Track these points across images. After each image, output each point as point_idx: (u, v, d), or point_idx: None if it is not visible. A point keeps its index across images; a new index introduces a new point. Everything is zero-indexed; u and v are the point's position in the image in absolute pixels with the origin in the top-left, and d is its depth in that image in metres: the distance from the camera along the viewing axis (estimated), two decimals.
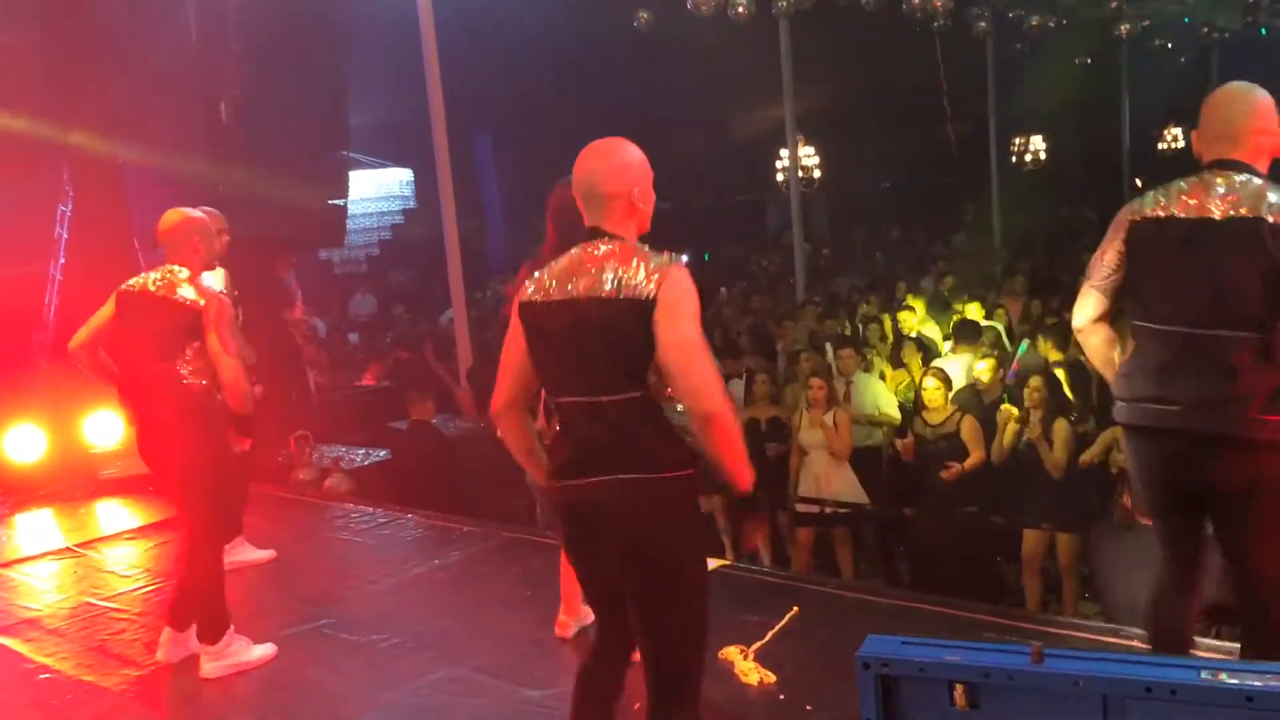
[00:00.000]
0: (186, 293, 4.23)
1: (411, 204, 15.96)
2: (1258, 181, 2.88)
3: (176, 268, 4.30)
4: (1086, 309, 3.12)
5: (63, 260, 8.18)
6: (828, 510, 7.04)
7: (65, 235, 8.15)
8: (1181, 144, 24.79)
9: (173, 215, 4.39)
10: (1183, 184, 2.98)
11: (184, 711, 4.07)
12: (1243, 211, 2.81)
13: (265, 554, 5.69)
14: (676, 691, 2.66)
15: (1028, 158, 23.43)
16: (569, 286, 2.62)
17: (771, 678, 3.85)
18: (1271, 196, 2.82)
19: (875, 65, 17.50)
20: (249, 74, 8.07)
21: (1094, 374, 6.45)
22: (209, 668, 4.22)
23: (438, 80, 9.02)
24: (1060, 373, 7.03)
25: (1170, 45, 19.20)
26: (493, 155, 18.83)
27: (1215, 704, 1.44)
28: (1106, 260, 3.07)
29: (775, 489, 7.32)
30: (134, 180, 8.07)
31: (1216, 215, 2.84)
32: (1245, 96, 2.98)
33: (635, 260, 2.57)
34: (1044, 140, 23.68)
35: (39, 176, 8.00)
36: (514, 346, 2.76)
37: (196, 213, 4.49)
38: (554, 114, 15.85)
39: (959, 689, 1.59)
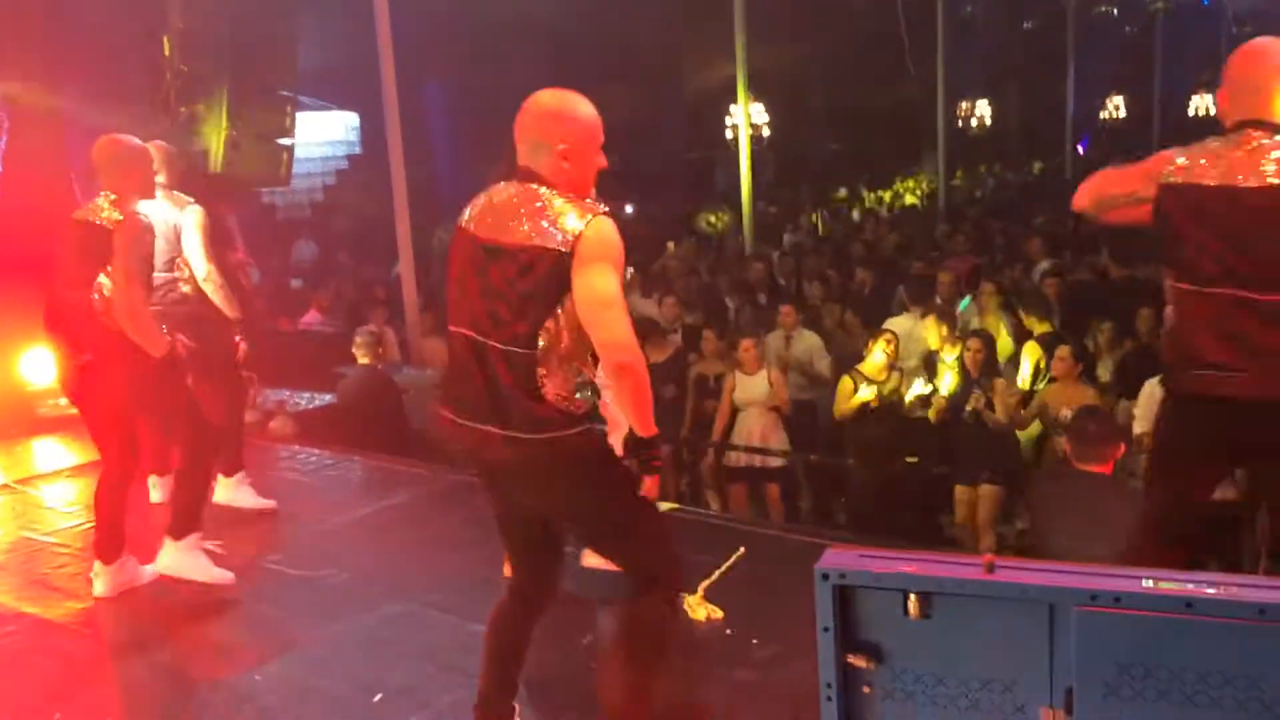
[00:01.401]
0: (105, 215, 4.09)
1: (357, 149, 15.70)
2: None
3: (105, 193, 4.16)
4: (1085, 196, 3.17)
5: None
6: (758, 464, 7.13)
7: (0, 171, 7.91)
8: (1123, 113, 25.28)
9: (103, 141, 4.26)
10: (1214, 144, 2.94)
11: (128, 641, 4.05)
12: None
13: (268, 503, 5.56)
14: (649, 579, 2.74)
15: (973, 122, 23.72)
16: (490, 223, 2.62)
17: (719, 614, 3.93)
18: None
19: (827, 25, 17.53)
20: (192, 7, 7.84)
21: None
22: (166, 562, 4.29)
23: (386, 21, 8.86)
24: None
25: (1115, 13, 19.46)
26: (442, 102, 18.57)
27: (1156, 609, 1.51)
28: (1127, 185, 3.08)
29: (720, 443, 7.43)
30: (72, 115, 7.85)
31: (1254, 184, 2.80)
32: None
33: (558, 209, 2.55)
34: (989, 105, 23.97)
35: None
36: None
37: (131, 139, 4.33)
38: (504, 63, 15.65)
39: (913, 598, 1.65)
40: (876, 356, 6.90)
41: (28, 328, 7.11)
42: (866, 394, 6.82)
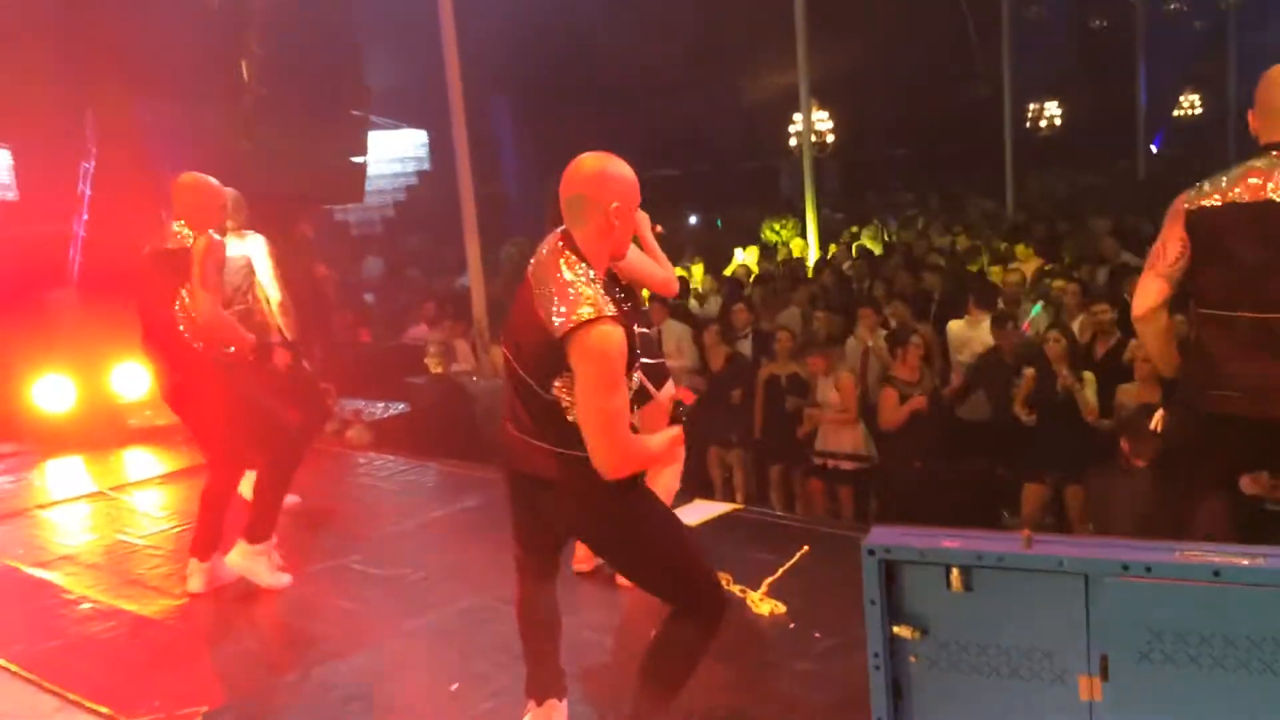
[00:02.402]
0: (185, 239, 4.33)
1: (426, 166, 16.07)
2: None
3: (180, 223, 4.41)
4: (1148, 297, 3.10)
5: (86, 217, 8.35)
6: (830, 465, 7.22)
7: (89, 192, 8.31)
8: (1199, 110, 24.73)
9: (186, 178, 4.49)
10: (1239, 169, 2.96)
11: (220, 635, 4.26)
12: None
13: (292, 499, 5.86)
14: (683, 606, 2.81)
15: (1042, 123, 23.41)
16: (529, 274, 2.70)
17: (782, 608, 4.03)
18: None
19: (890, 29, 17.48)
20: (268, 34, 8.18)
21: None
22: (236, 559, 4.46)
23: (454, 41, 9.10)
24: None
25: (1186, 9, 19.08)
26: (509, 118, 18.90)
27: (1185, 578, 1.59)
28: (1169, 250, 3.05)
29: (790, 443, 7.51)
30: (157, 139, 8.22)
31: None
32: None
33: (569, 291, 2.56)
34: (1059, 105, 23.63)
35: (63, 136, 8.16)
36: None
37: (210, 180, 4.55)
38: (569, 77, 15.89)
39: (954, 572, 1.75)
40: (908, 359, 6.97)
41: (118, 344, 7.50)
42: (915, 402, 6.88)
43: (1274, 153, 2.91)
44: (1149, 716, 1.68)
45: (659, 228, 3.60)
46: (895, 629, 1.80)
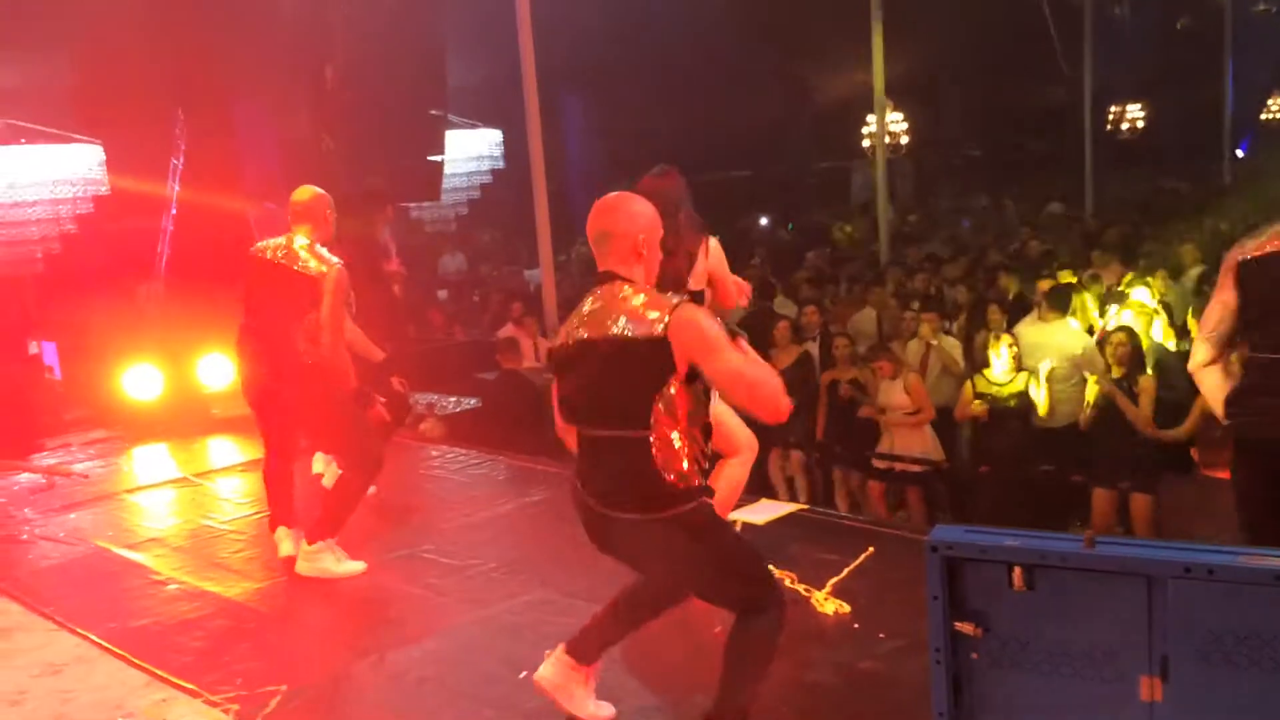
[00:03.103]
0: (308, 263, 4.58)
1: (500, 164, 16.26)
2: None
3: (299, 236, 4.65)
4: (1199, 355, 3.28)
5: (174, 212, 8.63)
6: (897, 468, 7.19)
7: (177, 188, 8.59)
8: None
9: (307, 190, 4.76)
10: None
11: (299, 617, 4.42)
12: None
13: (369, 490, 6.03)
14: (749, 611, 2.91)
15: (1124, 125, 22.91)
16: (582, 331, 2.86)
17: (846, 608, 4.06)
18: None
19: (968, 28, 17.27)
20: (352, 37, 8.39)
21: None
22: (303, 566, 4.65)
23: (530, 40, 9.21)
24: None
25: (1275, 11, 18.55)
26: (581, 118, 19.06)
27: (1247, 581, 1.61)
28: (1214, 312, 3.22)
29: (853, 447, 7.50)
30: (244, 138, 8.47)
31: None
32: None
33: (645, 300, 2.78)
34: (1142, 108, 23.11)
35: (154, 133, 8.45)
36: None
37: (321, 191, 4.83)
38: (642, 78, 15.98)
39: (1017, 571, 1.78)
40: (999, 363, 6.90)
41: (204, 336, 7.77)
42: (978, 406, 6.84)
43: None
44: (1207, 716, 1.70)
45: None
46: (957, 625, 1.84)
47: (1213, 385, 3.28)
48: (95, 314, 8.81)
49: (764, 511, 5.23)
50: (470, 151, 16.09)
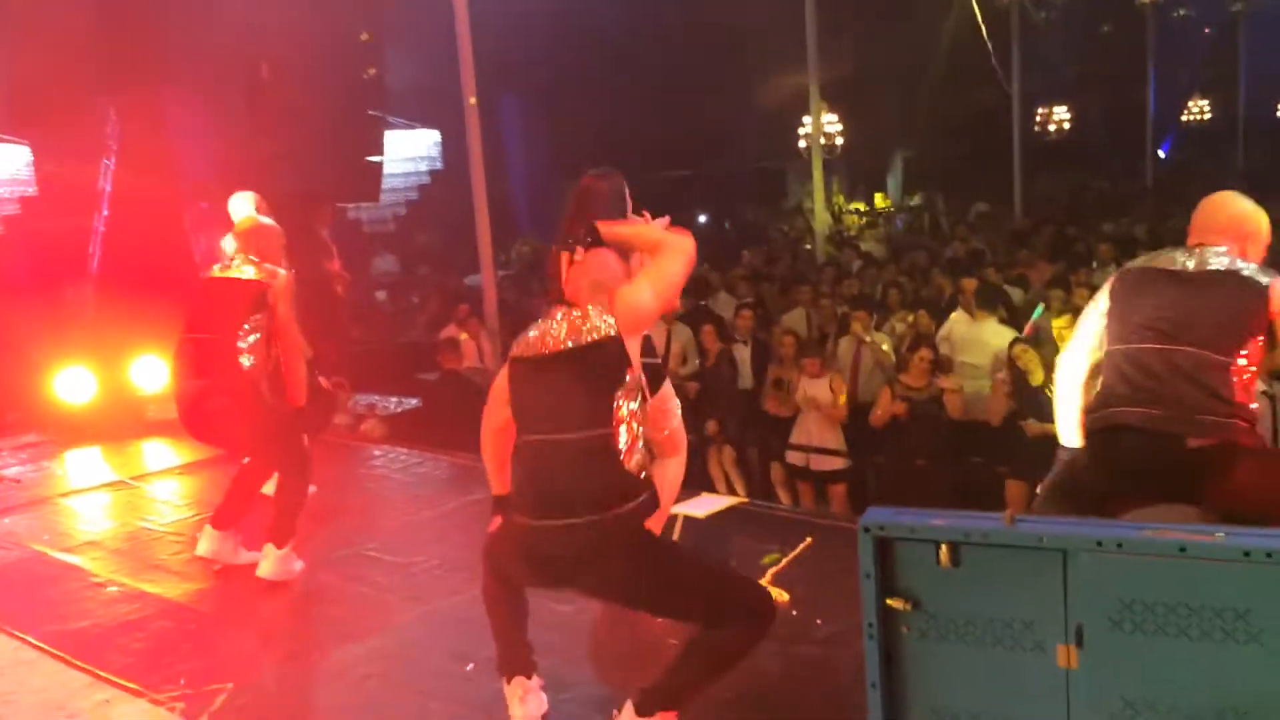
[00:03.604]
0: (250, 271, 4.62)
1: (439, 165, 16.21)
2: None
3: (246, 256, 4.70)
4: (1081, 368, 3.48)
5: (105, 212, 8.50)
6: (813, 465, 7.36)
7: (108, 188, 8.46)
8: (1208, 115, 24.79)
9: (249, 221, 4.88)
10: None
11: (241, 616, 4.41)
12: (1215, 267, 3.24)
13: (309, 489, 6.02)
14: (716, 623, 2.93)
15: (1050, 127, 23.49)
16: (541, 348, 2.98)
17: (784, 596, 4.16)
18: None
19: (899, 32, 17.58)
20: (289, 34, 8.33)
21: None
22: (267, 569, 4.62)
23: (468, 40, 9.22)
24: None
25: (1195, 15, 19.16)
26: (520, 119, 19.05)
27: (1153, 554, 1.73)
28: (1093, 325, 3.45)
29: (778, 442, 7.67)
30: (178, 137, 8.37)
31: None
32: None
33: (592, 312, 2.95)
34: (1068, 110, 23.71)
35: (83, 132, 8.32)
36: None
37: (269, 221, 4.94)
38: (580, 79, 16.04)
39: (943, 548, 1.88)
40: (918, 367, 7.10)
41: (137, 337, 7.67)
42: (896, 407, 7.03)
43: (1195, 248, 3.34)
44: (1120, 681, 1.81)
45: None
46: (888, 601, 1.94)
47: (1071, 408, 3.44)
48: (23, 317, 8.63)
49: (704, 505, 5.32)
50: (408, 152, 16.03)
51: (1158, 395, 3.01)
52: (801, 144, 17.37)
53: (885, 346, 8.16)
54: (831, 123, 17.34)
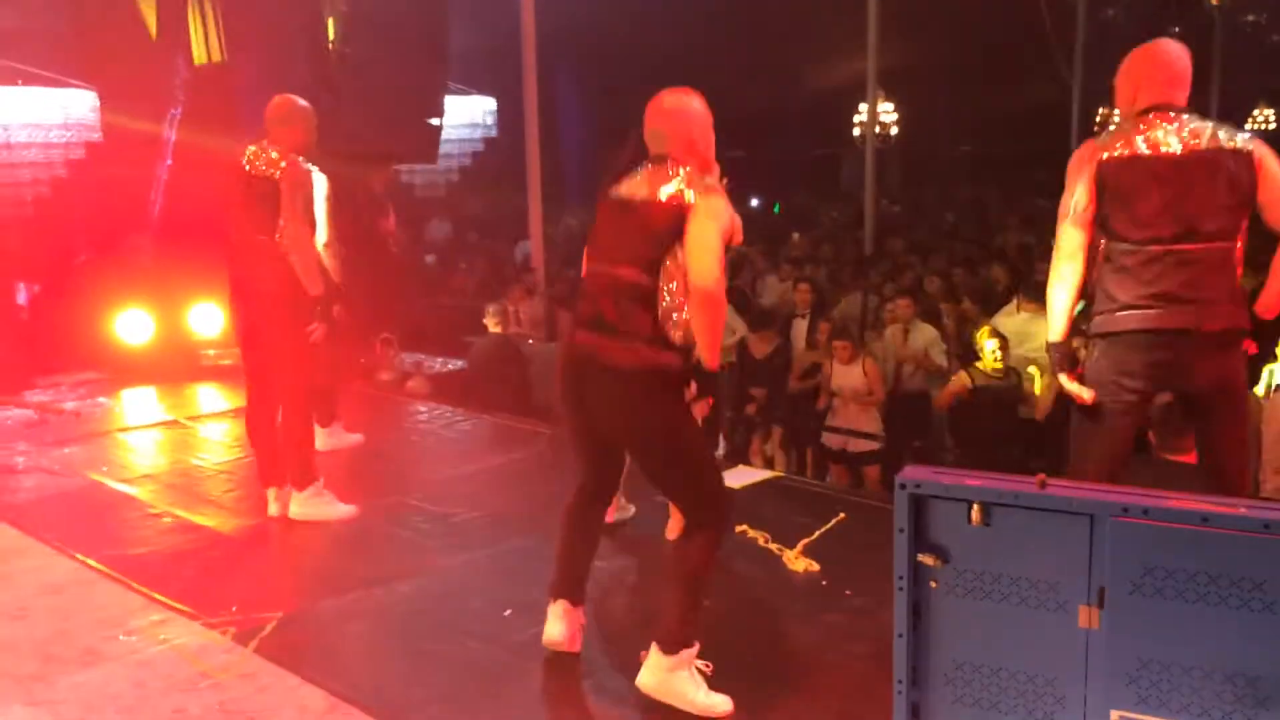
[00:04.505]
0: (270, 167, 4.67)
1: (493, 132, 16.33)
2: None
3: (268, 144, 4.73)
4: (1071, 240, 3.47)
5: (169, 162, 8.69)
6: (851, 447, 7.41)
7: (174, 138, 8.65)
8: (1273, 125, 24.33)
9: (279, 98, 4.84)
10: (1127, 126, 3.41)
11: (292, 554, 4.59)
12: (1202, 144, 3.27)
13: (355, 438, 6.21)
14: (697, 519, 3.20)
15: (1111, 127, 23.14)
16: (629, 192, 3.19)
17: (815, 566, 4.27)
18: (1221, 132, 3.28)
19: (962, 23, 17.43)
20: None
21: None
22: (296, 510, 4.80)
23: (531, 9, 9.34)
24: None
25: (1264, 22, 18.84)
26: (575, 91, 19.12)
27: (1177, 522, 1.81)
28: (1080, 200, 3.45)
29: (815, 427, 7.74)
30: (243, 90, 8.53)
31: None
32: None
33: (686, 178, 3.10)
34: None
35: (151, 81, 8.50)
36: None
37: (299, 100, 4.88)
38: (637, 53, 16.07)
39: (975, 507, 1.97)
40: (989, 352, 7.10)
41: (195, 285, 7.89)
42: (959, 382, 7.06)
43: (1153, 114, 3.38)
44: (1139, 642, 1.90)
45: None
46: (920, 557, 2.04)
47: (1065, 297, 3.50)
48: (87, 259, 8.88)
49: (740, 477, 5.43)
50: (463, 118, 16.17)
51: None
52: (856, 131, 17.32)
53: (929, 335, 8.19)
54: (887, 112, 17.27)
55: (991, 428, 7.07)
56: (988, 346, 7.10)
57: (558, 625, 3.45)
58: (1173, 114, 3.35)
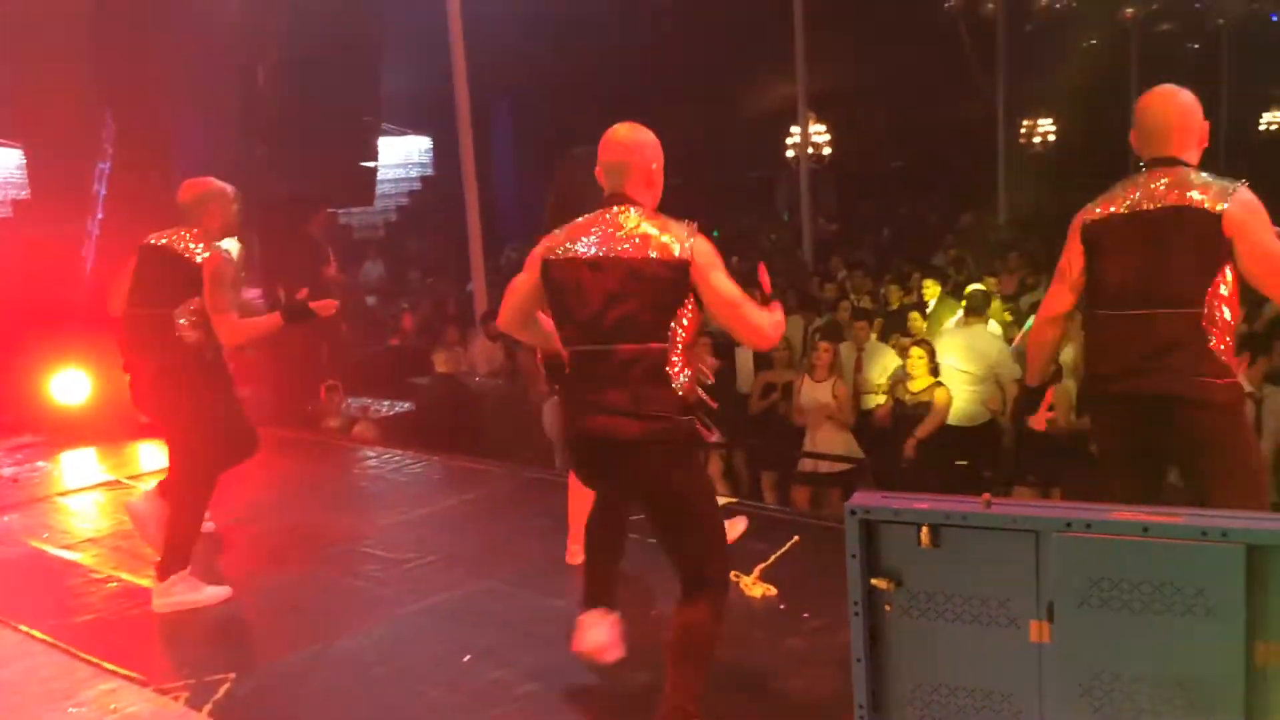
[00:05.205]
0: (191, 248, 4.42)
1: (429, 171, 16.33)
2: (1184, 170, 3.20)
3: (185, 231, 4.48)
4: (1061, 303, 3.45)
5: (100, 216, 8.57)
6: (822, 469, 7.45)
7: (104, 192, 8.53)
8: None
9: (191, 183, 4.59)
10: (1120, 185, 3.32)
11: (245, 612, 4.50)
12: (1170, 200, 3.14)
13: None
14: (706, 576, 3.04)
15: (1035, 139, 23.74)
16: (593, 246, 2.98)
17: (773, 591, 4.28)
18: (1195, 181, 3.15)
19: (888, 44, 17.77)
20: (285, 40, 8.43)
21: None
22: (158, 602, 4.41)
23: (461, 48, 9.36)
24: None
25: (1178, 30, 19.44)
26: (510, 126, 19.16)
27: (1118, 534, 1.86)
28: (1073, 265, 3.38)
29: (780, 448, 7.76)
30: (174, 142, 8.45)
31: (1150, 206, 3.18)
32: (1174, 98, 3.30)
33: (660, 224, 2.97)
34: (1053, 123, 23.95)
35: (80, 136, 8.38)
36: (521, 288, 3.20)
37: (214, 181, 4.64)
38: (571, 86, 16.16)
39: (924, 529, 2.01)
40: (915, 368, 7.23)
41: None
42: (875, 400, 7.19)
43: (1144, 169, 3.27)
44: (1089, 654, 1.94)
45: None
46: (873, 580, 2.06)
47: (1046, 343, 3.51)
48: (20, 320, 8.68)
49: None
50: (399, 158, 16.18)
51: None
52: (790, 153, 17.57)
53: (888, 358, 8.27)
54: (820, 133, 17.54)
55: (937, 443, 7.18)
56: (915, 359, 7.24)
57: (594, 631, 3.39)
58: (1159, 169, 3.22)
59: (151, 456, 7.29)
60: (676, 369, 2.94)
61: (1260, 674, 1.85)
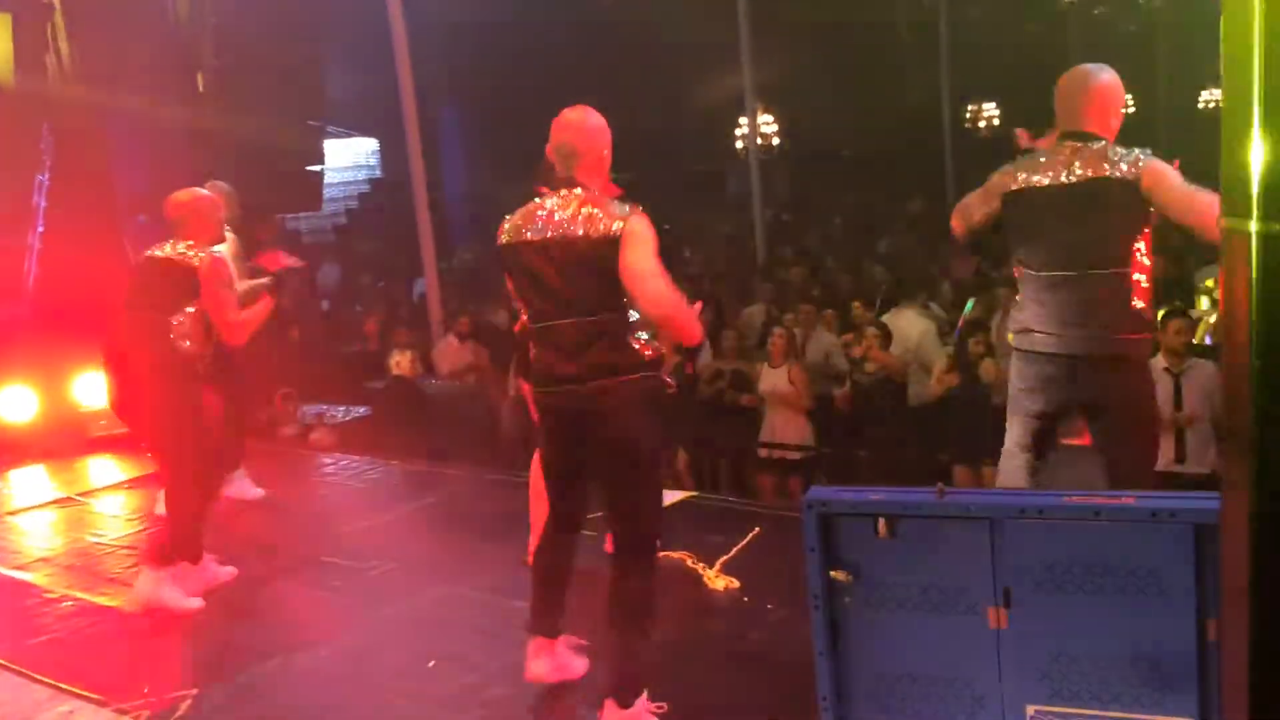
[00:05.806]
0: (187, 254, 4.51)
1: (377, 173, 16.19)
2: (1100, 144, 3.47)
3: (180, 242, 4.56)
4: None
5: (41, 229, 8.39)
6: (777, 455, 7.51)
7: (44, 204, 8.36)
8: (1131, 109, 25.48)
9: (180, 195, 4.66)
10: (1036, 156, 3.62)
11: (203, 627, 4.43)
12: (1089, 174, 3.42)
13: (258, 492, 6.03)
14: (640, 537, 3.20)
15: (981, 124, 24.00)
16: (544, 229, 3.13)
17: (735, 583, 4.30)
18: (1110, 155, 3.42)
19: (830, 32, 17.86)
20: (225, 45, 8.32)
21: None
22: (137, 589, 4.46)
23: (405, 49, 9.28)
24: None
25: (1111, 14, 19.76)
26: (458, 127, 19.04)
27: (1071, 518, 1.88)
28: (978, 211, 3.76)
29: (738, 435, 7.79)
30: (114, 151, 8.30)
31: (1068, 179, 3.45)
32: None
33: (603, 207, 3.09)
34: (997, 107, 24.22)
35: (17, 148, 8.20)
36: None
37: (204, 192, 4.77)
38: (514, 87, 16.08)
39: (881, 521, 2.02)
40: (869, 342, 7.33)
41: (78, 354, 7.60)
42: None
43: (1066, 141, 3.54)
44: (1047, 638, 1.97)
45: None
46: (832, 573, 2.08)
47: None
48: None
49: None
50: (346, 161, 16.02)
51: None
52: (739, 144, 17.61)
53: (828, 342, 8.35)
54: (768, 123, 17.59)
55: (889, 421, 7.26)
56: (870, 339, 7.33)
57: (538, 662, 3.44)
58: (1079, 143, 3.49)
59: (103, 472, 7.18)
60: (633, 333, 3.12)
61: (1213, 649, 1.89)
